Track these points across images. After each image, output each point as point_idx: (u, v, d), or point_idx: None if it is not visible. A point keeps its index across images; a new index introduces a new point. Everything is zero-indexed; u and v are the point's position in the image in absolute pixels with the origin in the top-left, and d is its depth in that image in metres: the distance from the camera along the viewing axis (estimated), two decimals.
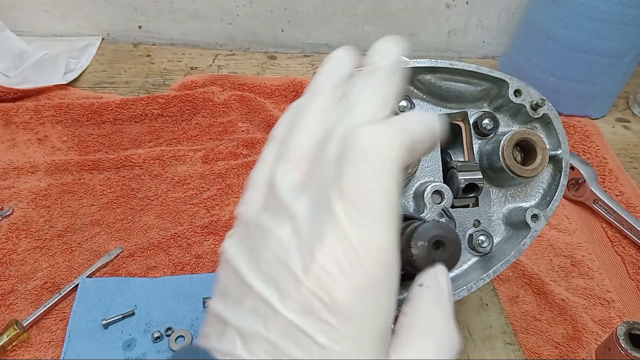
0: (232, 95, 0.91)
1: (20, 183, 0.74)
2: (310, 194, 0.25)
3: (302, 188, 0.26)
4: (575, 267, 0.71)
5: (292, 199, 0.25)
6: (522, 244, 0.44)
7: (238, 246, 0.27)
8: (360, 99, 0.27)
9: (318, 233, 0.23)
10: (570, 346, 0.61)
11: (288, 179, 0.27)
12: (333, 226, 0.23)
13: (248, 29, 1.08)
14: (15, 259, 0.65)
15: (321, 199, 0.24)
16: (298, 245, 0.24)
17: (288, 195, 0.26)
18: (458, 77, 0.46)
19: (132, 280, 0.63)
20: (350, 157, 0.24)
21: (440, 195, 0.44)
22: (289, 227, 0.25)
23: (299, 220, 0.24)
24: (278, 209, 0.26)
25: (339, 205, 0.23)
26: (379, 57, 0.30)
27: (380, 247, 0.23)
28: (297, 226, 0.24)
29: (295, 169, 0.27)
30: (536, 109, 0.45)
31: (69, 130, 0.84)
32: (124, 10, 1.04)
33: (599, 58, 0.87)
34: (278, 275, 0.24)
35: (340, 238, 0.23)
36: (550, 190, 0.47)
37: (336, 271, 0.22)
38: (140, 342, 0.57)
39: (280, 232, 0.25)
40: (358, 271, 0.22)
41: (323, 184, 0.24)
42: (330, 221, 0.23)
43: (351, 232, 0.23)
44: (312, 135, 0.28)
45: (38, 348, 0.57)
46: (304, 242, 0.23)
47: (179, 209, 0.73)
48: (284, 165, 0.27)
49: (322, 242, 0.23)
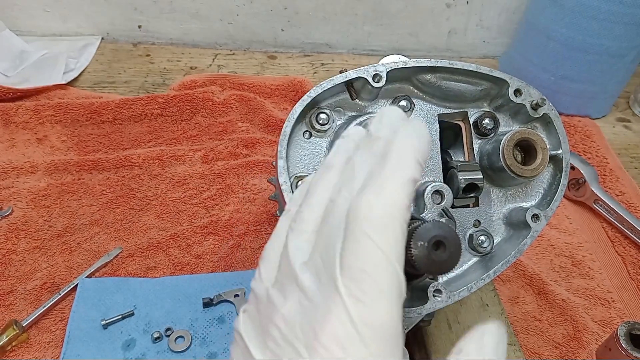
0: (232, 95, 0.91)
1: (19, 183, 0.74)
2: (316, 267, 0.26)
3: (310, 260, 0.26)
4: (576, 267, 0.70)
5: (301, 270, 0.26)
6: (523, 244, 0.44)
7: (248, 323, 0.27)
8: (361, 169, 0.28)
9: (321, 309, 0.24)
10: (571, 346, 0.61)
11: (300, 250, 0.27)
12: (335, 303, 0.23)
13: (248, 29, 1.08)
14: (15, 259, 0.65)
15: (326, 273, 0.25)
16: (302, 322, 0.24)
17: (297, 266, 0.26)
18: (458, 76, 0.46)
19: (131, 280, 0.63)
20: (353, 231, 0.24)
21: (441, 195, 0.43)
22: (295, 301, 0.25)
23: (304, 293, 0.25)
24: (287, 280, 0.26)
25: (341, 281, 0.24)
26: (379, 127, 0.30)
27: (381, 322, 0.23)
28: (303, 301, 0.25)
29: (307, 241, 0.27)
30: (536, 108, 0.45)
31: (69, 130, 0.83)
32: (123, 10, 1.04)
33: (599, 58, 0.87)
34: (283, 354, 0.24)
35: (342, 315, 0.23)
36: (550, 190, 0.47)
37: (338, 351, 0.23)
38: (140, 342, 0.57)
39: (287, 308, 0.25)
40: (359, 349, 0.23)
41: (328, 258, 0.25)
42: (332, 297, 0.23)
43: (353, 308, 0.23)
44: (323, 207, 0.28)
45: (37, 348, 0.57)
46: (308, 319, 0.24)
47: (178, 209, 0.73)
48: (297, 237, 0.28)
49: (325, 320, 0.23)
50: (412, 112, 0.46)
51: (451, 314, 0.55)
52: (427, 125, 0.46)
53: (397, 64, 0.44)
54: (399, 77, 0.46)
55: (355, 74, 0.44)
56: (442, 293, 0.41)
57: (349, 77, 0.44)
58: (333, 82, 0.44)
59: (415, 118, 0.27)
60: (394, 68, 0.44)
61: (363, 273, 0.23)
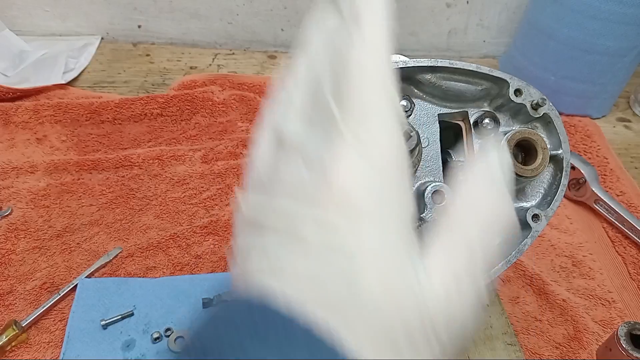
0: (231, 95, 0.91)
1: (19, 183, 0.74)
2: (312, 125, 0.24)
3: (303, 128, 0.25)
4: (577, 267, 0.70)
5: (302, 136, 0.24)
6: (523, 244, 0.44)
7: (253, 194, 0.25)
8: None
9: (331, 153, 0.22)
10: (571, 347, 0.61)
11: (295, 124, 0.25)
12: (342, 138, 0.22)
13: (248, 28, 1.08)
14: (14, 259, 0.65)
15: (325, 128, 0.23)
16: (318, 170, 0.23)
17: (299, 131, 0.24)
18: (458, 76, 0.46)
19: (131, 280, 0.62)
20: (348, 76, 0.23)
21: (441, 195, 0.43)
22: (300, 161, 0.23)
23: (309, 149, 0.23)
24: (291, 147, 0.24)
25: (341, 116, 0.23)
26: None
27: (390, 153, 0.23)
28: (309, 156, 0.23)
29: (297, 114, 0.25)
30: (537, 108, 0.45)
31: (68, 130, 0.83)
32: (123, 9, 1.04)
33: (600, 57, 0.87)
34: (301, 193, 0.22)
35: (352, 144, 0.22)
36: (551, 190, 0.47)
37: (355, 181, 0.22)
38: (140, 342, 0.57)
39: (295, 167, 0.23)
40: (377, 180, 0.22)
41: (323, 112, 0.24)
42: (339, 136, 0.22)
43: (361, 135, 0.22)
44: (308, 80, 0.26)
45: (37, 348, 0.57)
46: (322, 165, 0.23)
47: (178, 209, 0.73)
48: (285, 112, 0.26)
49: (338, 158, 0.22)
50: (412, 112, 0.46)
51: None
52: (427, 125, 0.46)
53: (397, 64, 0.44)
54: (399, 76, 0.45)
55: None
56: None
57: None
58: None
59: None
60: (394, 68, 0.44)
61: (363, 113, 0.23)
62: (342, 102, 0.23)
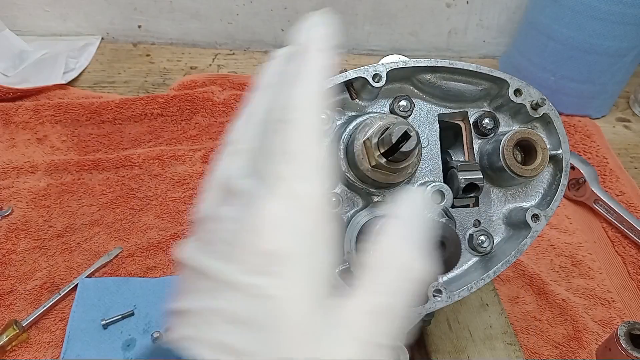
0: (231, 95, 0.91)
1: (19, 183, 0.74)
2: (256, 172, 0.26)
3: (251, 171, 0.26)
4: (576, 267, 0.70)
5: (242, 179, 0.26)
6: (523, 244, 0.44)
7: (194, 244, 0.27)
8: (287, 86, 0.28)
9: (264, 196, 0.24)
10: (571, 346, 0.61)
11: (239, 169, 0.27)
12: (278, 186, 0.24)
13: (248, 29, 1.08)
14: (15, 259, 0.65)
15: (264, 170, 0.25)
16: (249, 212, 0.24)
17: (239, 179, 0.26)
18: (458, 76, 0.46)
19: (131, 280, 0.63)
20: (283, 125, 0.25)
21: (441, 195, 0.43)
22: (239, 203, 0.25)
23: (247, 194, 0.25)
24: (230, 194, 0.26)
25: (279, 167, 0.24)
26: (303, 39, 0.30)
27: (319, 195, 0.24)
28: (246, 200, 0.25)
29: (244, 160, 0.27)
30: (536, 108, 0.45)
31: (69, 130, 0.83)
32: (123, 9, 1.04)
33: (599, 58, 0.87)
34: (232, 247, 0.24)
35: (285, 193, 0.24)
36: (550, 190, 0.47)
37: (283, 223, 0.23)
38: (140, 342, 0.57)
39: (232, 211, 0.25)
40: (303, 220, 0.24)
41: (265, 158, 0.25)
42: (275, 183, 0.24)
43: (296, 186, 0.24)
44: (257, 125, 0.29)
45: (37, 348, 0.57)
46: (254, 207, 0.24)
47: (178, 209, 0.73)
48: (232, 158, 0.28)
49: (269, 200, 0.24)
50: (412, 112, 0.46)
51: (451, 314, 0.55)
52: (427, 125, 0.46)
53: (397, 64, 0.44)
54: (399, 77, 0.46)
55: (355, 73, 0.43)
56: (442, 293, 0.41)
57: (348, 77, 0.44)
58: (333, 82, 0.44)
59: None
60: (394, 68, 0.44)
61: (300, 154, 0.24)
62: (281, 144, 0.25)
